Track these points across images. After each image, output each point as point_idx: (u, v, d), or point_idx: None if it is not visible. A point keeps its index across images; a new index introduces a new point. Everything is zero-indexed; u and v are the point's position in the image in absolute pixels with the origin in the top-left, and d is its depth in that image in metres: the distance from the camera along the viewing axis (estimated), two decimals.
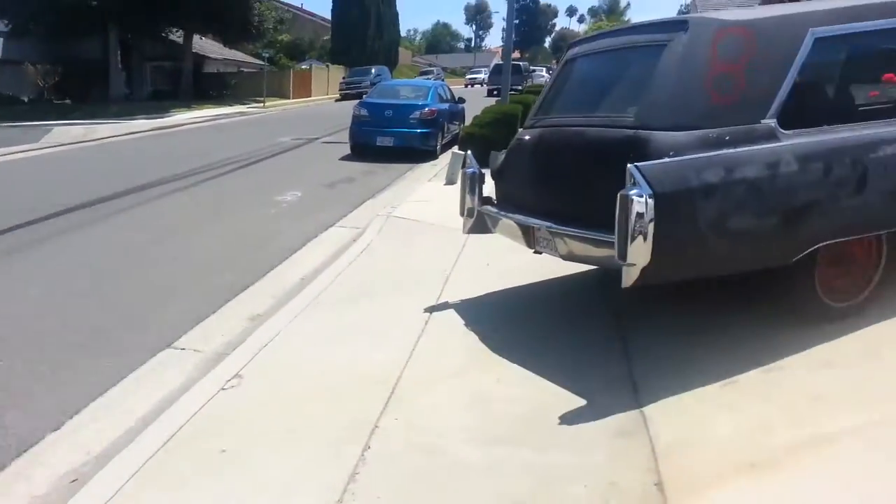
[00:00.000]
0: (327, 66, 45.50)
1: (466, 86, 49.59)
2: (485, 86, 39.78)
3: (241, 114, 27.54)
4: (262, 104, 31.53)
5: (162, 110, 26.14)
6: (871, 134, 3.45)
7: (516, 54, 71.87)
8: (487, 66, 47.68)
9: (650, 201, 2.93)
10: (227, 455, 2.91)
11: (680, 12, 47.79)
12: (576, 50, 4.45)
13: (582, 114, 4.07)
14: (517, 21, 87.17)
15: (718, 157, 3.14)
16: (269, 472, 2.77)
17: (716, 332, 3.75)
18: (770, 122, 3.27)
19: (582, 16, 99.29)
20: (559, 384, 3.33)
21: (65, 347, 4.32)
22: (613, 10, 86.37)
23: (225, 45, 36.41)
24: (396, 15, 54.15)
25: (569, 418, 3.02)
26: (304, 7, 57.37)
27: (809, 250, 3.35)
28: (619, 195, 2.98)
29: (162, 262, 6.24)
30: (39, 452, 3.18)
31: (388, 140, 13.02)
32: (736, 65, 3.32)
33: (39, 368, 4.01)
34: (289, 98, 37.99)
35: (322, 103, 35.36)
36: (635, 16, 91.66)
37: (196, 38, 34.24)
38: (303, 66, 43.61)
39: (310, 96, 39.93)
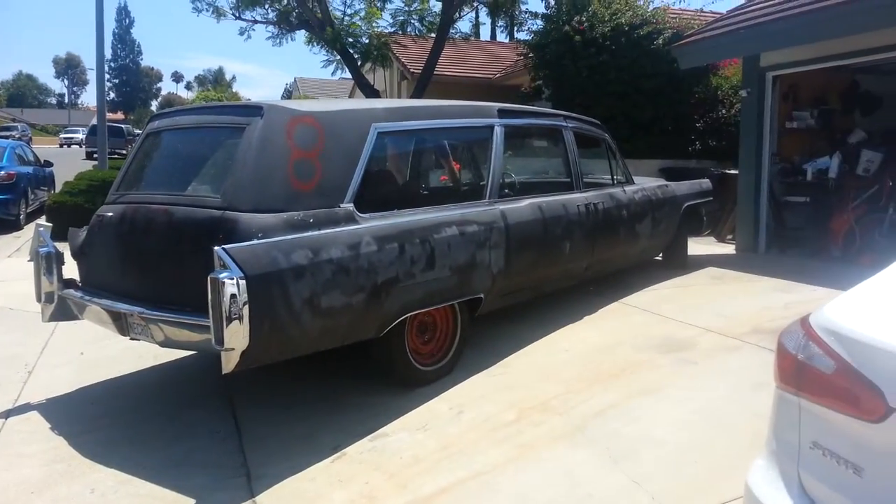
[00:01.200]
0: None
1: (62, 146, 44.53)
2: (83, 147, 36.14)
3: None
4: None
5: None
6: (436, 217, 4.01)
7: (119, 116, 67.12)
8: (86, 126, 43.41)
9: (242, 283, 2.93)
10: None
11: (285, 92, 50.28)
12: (157, 124, 4.31)
13: (167, 191, 3.92)
14: (117, 80, 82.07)
15: (304, 239, 3.29)
16: None
17: (323, 405, 3.89)
18: (348, 205, 3.57)
19: (189, 83, 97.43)
20: (165, 485, 3.06)
21: None
22: (219, 81, 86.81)
23: None
24: None
25: None
26: None
27: (397, 322, 3.72)
28: (209, 278, 2.92)
29: None
30: None
31: None
32: (311, 152, 3.54)
33: None
34: None
35: None
36: (241, 89, 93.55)
37: None
38: None
39: None
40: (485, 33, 24.98)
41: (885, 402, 1.39)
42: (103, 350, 4.80)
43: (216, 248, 2.95)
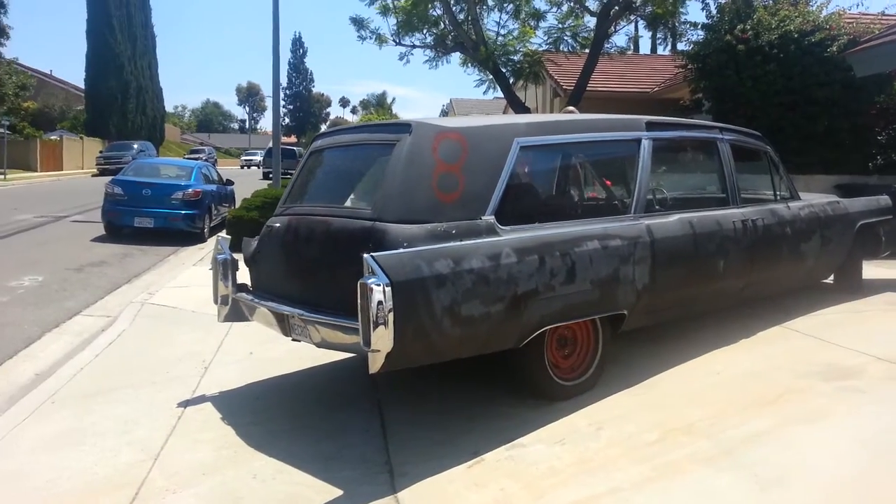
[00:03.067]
0: (81, 137, 42.04)
1: (243, 167, 48.82)
2: (260, 168, 39.46)
3: None
4: (2, 176, 28.17)
5: None
6: (577, 231, 4.01)
7: (292, 139, 72.47)
8: (263, 149, 47.46)
9: (388, 289, 3.10)
10: None
11: (442, 112, 51.91)
12: (319, 143, 4.67)
13: (326, 203, 4.25)
14: (291, 107, 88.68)
15: (447, 249, 3.42)
16: None
17: (465, 413, 3.99)
18: (489, 218, 3.67)
19: (354, 107, 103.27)
20: (316, 475, 3.31)
21: None
22: (382, 104, 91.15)
23: None
24: (161, 90, 52.08)
25: None
26: (53, 73, 52.82)
27: (536, 334, 3.75)
28: (359, 283, 3.13)
29: None
30: None
31: (147, 221, 12.29)
32: (455, 165, 3.69)
33: None
34: (36, 170, 34.39)
35: (76, 177, 32.47)
36: (401, 111, 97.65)
37: None
38: (52, 137, 39.79)
39: (61, 169, 36.51)
40: (644, 46, 24.35)
41: None
42: (269, 351, 5.23)
43: (365, 255, 3.17)
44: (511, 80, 13.67)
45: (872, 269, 7.03)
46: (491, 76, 13.72)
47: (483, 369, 4.40)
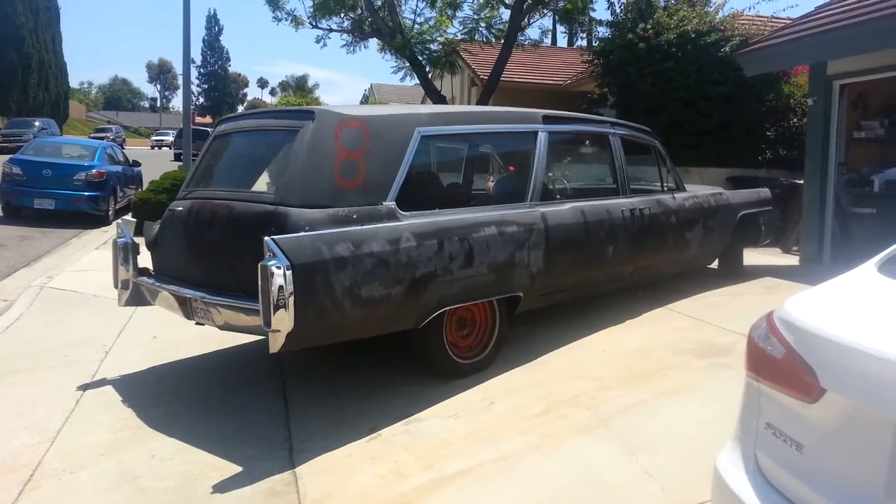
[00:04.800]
0: None
1: (153, 147, 46.97)
2: (172, 149, 38.12)
3: None
4: None
5: None
6: (475, 217, 4.23)
7: (208, 119, 70.14)
8: (175, 129, 45.82)
9: (288, 272, 3.23)
10: None
11: (363, 97, 51.58)
12: (223, 127, 4.71)
13: (229, 188, 4.33)
14: (206, 86, 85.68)
15: (347, 233, 3.57)
16: None
17: (366, 391, 4.16)
18: (390, 204, 3.84)
19: (273, 88, 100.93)
20: (217, 454, 3.40)
21: None
22: (302, 87, 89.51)
23: None
24: (65, 64, 49.31)
25: (222, 486, 3.10)
26: None
27: (435, 315, 3.95)
28: (259, 266, 3.24)
29: None
30: None
31: (48, 202, 11.79)
32: (356, 153, 3.83)
33: None
34: None
35: None
36: (323, 95, 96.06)
37: None
38: None
39: None
40: (563, 40, 24.93)
41: (818, 382, 1.53)
42: (174, 335, 5.23)
43: (266, 238, 3.27)
44: (427, 69, 13.81)
45: (754, 256, 7.61)
46: (408, 64, 13.82)
47: (385, 349, 4.57)
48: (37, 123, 33.59)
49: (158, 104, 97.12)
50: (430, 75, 14.62)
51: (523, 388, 4.16)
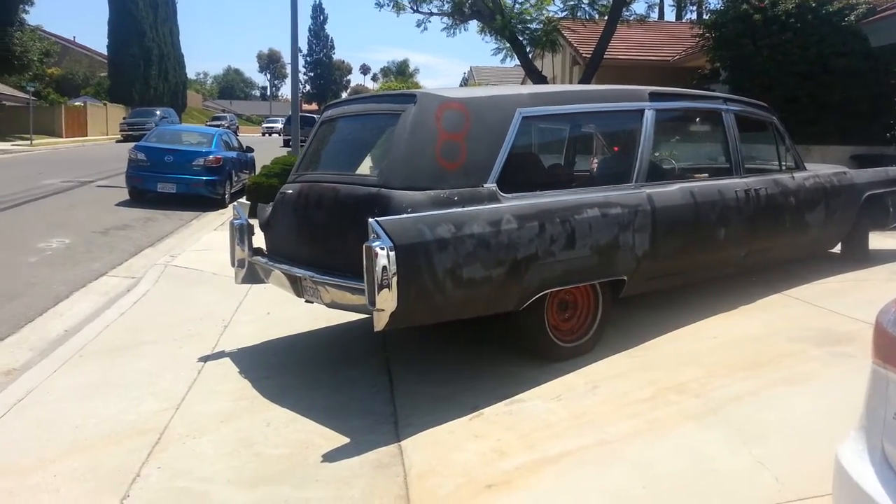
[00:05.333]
0: (105, 104, 42.53)
1: (264, 134, 49.01)
2: (281, 135, 39.65)
3: (3, 151, 24.82)
4: (28, 142, 28.66)
5: None
6: (578, 199, 4.16)
7: (313, 106, 72.37)
8: (284, 116, 47.65)
9: (391, 252, 3.30)
10: None
11: (463, 80, 51.60)
12: (330, 112, 4.85)
13: (335, 171, 4.46)
14: (312, 74, 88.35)
15: (449, 215, 3.60)
16: None
17: (468, 371, 4.20)
18: (491, 186, 3.83)
19: (375, 74, 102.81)
20: (326, 425, 3.55)
21: None
22: (402, 72, 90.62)
23: None
24: (182, 56, 52.24)
25: (331, 455, 3.23)
26: (76, 40, 53.22)
27: (536, 297, 3.93)
28: (364, 246, 3.32)
29: None
30: None
31: (170, 186, 12.59)
32: (458, 135, 3.84)
33: None
34: (61, 136, 34.92)
35: (101, 143, 32.91)
36: (423, 79, 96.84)
37: None
38: (77, 103, 40.29)
39: (85, 135, 37.03)
40: (671, 13, 23.99)
41: None
42: (285, 311, 5.46)
43: (370, 219, 3.35)
44: (528, 49, 13.64)
45: (880, 240, 7.09)
46: (508, 44, 13.70)
47: (486, 329, 4.60)
48: (158, 112, 35.86)
49: (268, 93, 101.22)
50: (530, 55, 14.44)
51: (628, 373, 4.07)
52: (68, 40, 50.86)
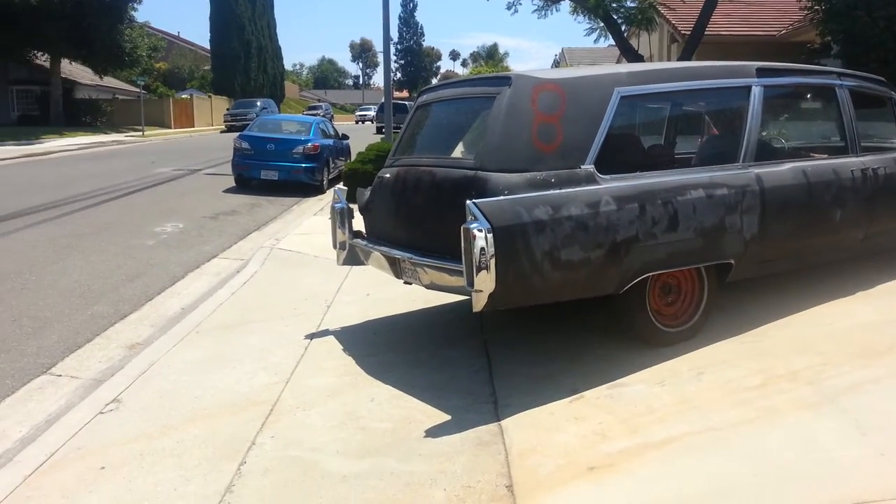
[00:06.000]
0: (210, 96, 44.65)
1: (357, 122, 50.11)
2: (374, 123, 40.40)
3: (118, 142, 26.54)
4: (140, 133, 30.49)
5: (31, 136, 24.81)
6: (680, 179, 4.03)
7: (404, 94, 73.27)
8: (376, 104, 48.51)
9: (489, 234, 3.31)
10: (106, 471, 3.00)
11: (554, 63, 50.75)
12: (425, 97, 4.89)
13: (432, 154, 4.50)
14: (403, 62, 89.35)
15: (546, 197, 3.58)
16: (148, 486, 2.89)
17: (568, 353, 4.18)
18: (589, 167, 3.76)
19: (465, 60, 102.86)
20: (427, 402, 3.63)
21: None
22: (492, 56, 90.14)
23: (95, 72, 35.01)
24: (279, 48, 54.06)
25: (433, 431, 3.31)
26: (180, 35, 56.02)
27: (637, 280, 3.85)
28: (462, 228, 3.36)
29: (33, 292, 6.06)
30: None
31: (272, 173, 13.10)
32: (554, 116, 3.79)
33: None
34: (169, 127, 36.97)
35: (206, 134, 34.57)
36: (513, 63, 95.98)
37: (66, 62, 32.74)
38: (183, 96, 42.52)
39: (192, 126, 39.02)
40: None
41: None
42: (384, 293, 5.60)
43: (468, 202, 3.39)
44: (623, 28, 13.28)
45: None
46: (601, 24, 13.38)
47: (585, 312, 4.56)
48: (258, 103, 37.30)
49: (360, 81, 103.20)
50: (625, 34, 14.04)
51: (736, 359, 3.94)
52: (173, 36, 53.56)
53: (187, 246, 8.19)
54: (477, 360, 4.21)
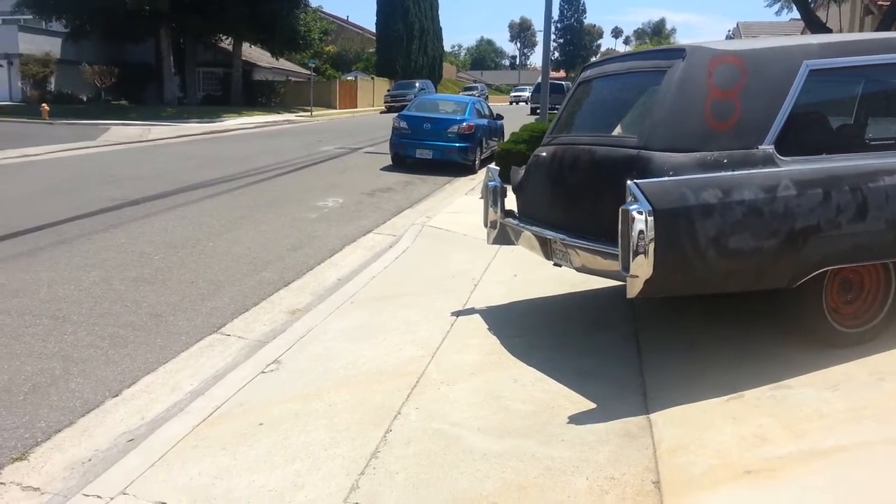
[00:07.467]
0: (373, 78, 46.45)
1: (511, 103, 50.01)
2: (528, 104, 40.12)
3: (289, 122, 28.36)
4: (309, 113, 32.35)
5: (213, 115, 27.17)
6: (872, 164, 3.61)
7: (561, 74, 72.10)
8: (531, 85, 48.07)
9: (650, 217, 3.12)
10: (263, 427, 3.20)
11: (727, 37, 47.62)
12: (588, 73, 4.70)
13: (592, 133, 4.32)
14: (562, 40, 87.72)
15: (716, 179, 3.32)
16: (301, 445, 3.05)
17: (726, 348, 3.92)
18: (768, 147, 3.44)
19: (627, 37, 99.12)
20: (572, 388, 3.55)
21: (122, 327, 4.69)
22: (659, 32, 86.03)
23: (272, 55, 37.63)
24: (440, 30, 54.99)
25: (578, 418, 3.22)
26: (349, 19, 58.60)
27: (814, 274, 3.50)
28: (620, 210, 3.19)
29: (208, 258, 6.61)
30: (101, 414, 3.56)
31: (427, 153, 13.38)
32: (731, 91, 3.49)
33: (100, 344, 4.40)
34: (335, 108, 38.91)
35: (367, 114, 36.04)
36: (681, 39, 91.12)
37: (245, 45, 35.33)
38: (349, 78, 44.61)
39: (355, 107, 40.82)
40: None
41: None
42: (532, 274, 5.54)
43: (628, 182, 3.22)
44: None
45: None
46: None
47: (750, 305, 4.24)
48: (417, 84, 38.28)
49: (517, 62, 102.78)
50: (811, 5, 12.82)
51: None
52: (342, 20, 56.14)
53: (346, 220, 8.58)
54: (626, 349, 4.05)
